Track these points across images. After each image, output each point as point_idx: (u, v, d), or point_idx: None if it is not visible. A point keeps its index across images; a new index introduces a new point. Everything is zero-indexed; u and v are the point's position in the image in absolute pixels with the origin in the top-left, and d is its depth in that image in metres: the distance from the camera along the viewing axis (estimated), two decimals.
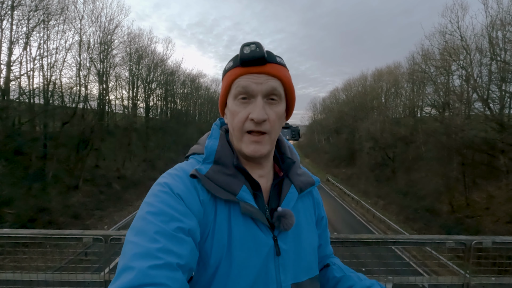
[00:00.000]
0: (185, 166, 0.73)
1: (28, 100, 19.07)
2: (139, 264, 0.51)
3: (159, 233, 0.56)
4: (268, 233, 0.70)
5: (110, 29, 25.66)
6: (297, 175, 0.81)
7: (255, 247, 0.67)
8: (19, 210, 13.93)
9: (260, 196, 0.73)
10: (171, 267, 0.53)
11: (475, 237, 2.30)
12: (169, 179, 0.67)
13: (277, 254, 0.70)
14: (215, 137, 0.77)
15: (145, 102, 34.47)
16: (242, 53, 0.69)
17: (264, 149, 0.70)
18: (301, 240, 0.76)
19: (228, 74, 0.73)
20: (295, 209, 0.76)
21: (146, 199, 0.65)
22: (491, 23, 19.43)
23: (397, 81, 35.96)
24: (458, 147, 20.12)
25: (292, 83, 0.76)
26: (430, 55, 26.19)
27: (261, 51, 0.68)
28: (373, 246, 2.23)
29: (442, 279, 2.37)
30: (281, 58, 0.75)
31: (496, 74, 19.37)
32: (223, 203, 0.69)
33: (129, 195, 22.24)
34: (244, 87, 0.69)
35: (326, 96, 71.77)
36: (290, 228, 0.71)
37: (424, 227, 18.32)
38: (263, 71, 0.69)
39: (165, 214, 0.59)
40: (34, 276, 2.16)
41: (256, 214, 0.68)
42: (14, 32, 17.35)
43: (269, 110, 0.70)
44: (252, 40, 0.74)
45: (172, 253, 0.54)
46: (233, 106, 0.72)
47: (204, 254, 0.65)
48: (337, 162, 43.56)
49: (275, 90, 0.70)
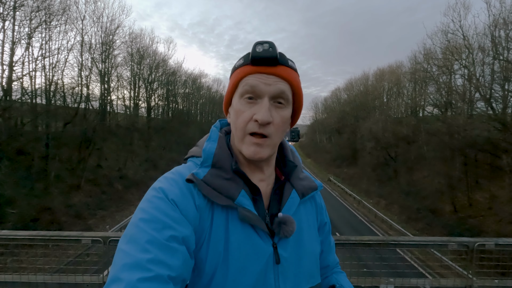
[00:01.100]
0: (182, 170, 0.70)
1: (30, 100, 19.16)
2: (128, 276, 0.49)
3: (151, 242, 0.54)
4: (267, 240, 0.67)
5: (112, 29, 25.77)
6: (299, 180, 0.78)
7: (254, 255, 0.65)
8: (21, 210, 13.99)
9: (260, 201, 0.71)
10: (161, 280, 0.50)
11: (478, 239, 2.28)
12: (165, 184, 0.65)
13: (277, 262, 0.67)
14: (213, 140, 0.74)
15: (147, 102, 34.56)
16: (254, 51, 0.66)
17: (264, 153, 0.68)
18: (302, 247, 0.74)
19: (237, 71, 0.71)
20: (297, 214, 0.74)
21: (140, 204, 0.63)
22: (494, 22, 19.32)
23: (399, 81, 35.84)
24: (460, 147, 20.02)
25: (301, 89, 0.73)
26: (432, 54, 26.10)
27: (274, 52, 0.66)
28: (375, 248, 2.20)
29: (445, 281, 2.34)
30: (293, 62, 0.72)
31: (499, 73, 19.25)
32: (220, 208, 0.66)
33: (131, 195, 22.31)
34: (252, 86, 0.67)
35: (327, 96, 71.85)
36: (291, 235, 0.68)
37: (426, 227, 18.25)
38: (273, 72, 0.67)
39: (158, 222, 0.57)
40: (33, 277, 2.15)
41: (255, 220, 0.66)
42: (16, 32, 17.44)
43: (275, 113, 0.67)
44: (255, 39, 0.72)
45: (163, 265, 0.52)
46: (238, 104, 0.69)
47: (199, 262, 0.62)
48: (339, 162, 43.47)
49: (283, 93, 0.68)
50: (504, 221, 15.26)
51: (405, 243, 2.28)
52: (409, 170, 26.64)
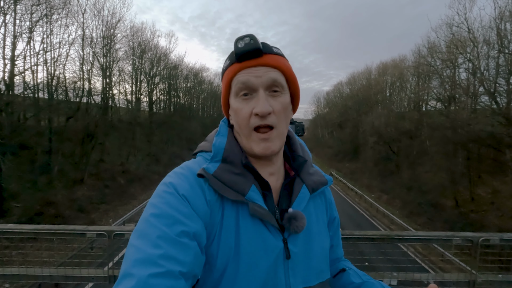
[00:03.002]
0: (192, 165, 0.70)
1: (33, 94, 19.16)
2: (139, 272, 0.49)
3: (162, 237, 0.54)
4: (277, 235, 0.67)
5: (113, 23, 25.57)
6: (309, 174, 0.78)
7: (264, 250, 0.65)
8: (25, 203, 14.14)
9: (270, 196, 0.70)
10: (172, 275, 0.50)
11: (483, 234, 2.27)
12: (175, 179, 0.65)
13: (287, 257, 0.67)
14: (222, 135, 0.74)
15: (149, 96, 34.52)
16: (236, 48, 0.66)
17: (274, 146, 0.68)
18: (312, 243, 0.74)
19: (227, 73, 0.71)
20: (307, 210, 0.74)
21: (151, 199, 0.63)
22: (500, 15, 19.00)
23: (402, 75, 35.55)
24: (463, 142, 19.91)
25: (294, 72, 0.72)
26: (436, 48, 25.79)
27: (256, 43, 0.65)
28: (378, 242, 2.20)
29: (448, 276, 2.34)
30: (278, 48, 0.72)
31: (504, 67, 18.99)
32: (230, 203, 0.66)
33: (133, 189, 22.46)
34: (243, 82, 0.67)
35: (330, 90, 71.40)
36: (301, 230, 0.68)
37: (428, 222, 18.27)
38: (261, 63, 0.67)
39: (169, 217, 0.57)
40: (39, 270, 2.17)
41: (265, 215, 0.65)
42: (18, 26, 17.35)
43: (273, 102, 0.67)
44: (257, 33, 0.71)
45: (174, 260, 0.52)
46: (236, 103, 0.69)
47: (210, 257, 0.62)
48: (341, 156, 43.49)
49: (276, 81, 0.67)
50: (506, 216, 15.25)
51: (409, 237, 2.28)
52: (411, 165, 26.58)
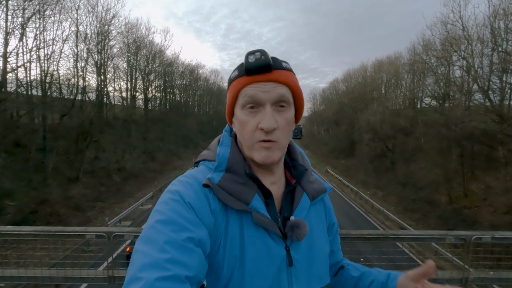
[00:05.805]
0: (196, 173, 0.72)
1: (26, 92, 18.87)
2: (146, 275, 0.50)
3: (168, 243, 0.55)
4: (280, 243, 0.70)
5: (107, 19, 25.21)
6: (309, 182, 0.80)
7: (268, 258, 0.67)
8: (20, 202, 13.99)
9: (272, 204, 0.73)
10: (179, 280, 0.52)
11: (475, 232, 2.32)
12: (180, 187, 0.66)
13: (290, 264, 0.70)
14: (226, 145, 0.76)
15: (144, 93, 34.23)
16: (247, 62, 0.67)
17: (275, 156, 0.69)
18: (313, 249, 0.76)
19: (234, 84, 0.72)
20: (308, 217, 0.76)
21: (157, 206, 0.64)
22: (494, 13, 19.16)
23: (398, 72, 35.68)
24: (457, 139, 20.13)
25: (300, 88, 0.74)
26: (431, 45, 25.93)
27: (267, 59, 0.67)
28: (375, 241, 2.25)
29: (442, 273, 2.40)
30: (287, 62, 0.73)
31: (497, 64, 19.20)
32: (234, 212, 0.68)
33: (129, 186, 22.33)
34: (251, 96, 0.68)
35: (326, 87, 71.40)
36: (303, 238, 0.70)
37: (422, 218, 18.49)
38: (269, 79, 0.68)
39: (175, 223, 0.58)
40: (39, 272, 2.18)
41: (268, 224, 0.67)
42: (10, 22, 17.02)
43: (279, 117, 0.69)
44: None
45: (181, 264, 0.53)
46: (242, 115, 0.70)
47: (216, 265, 0.64)
48: (337, 153, 43.64)
49: (283, 97, 0.69)
50: (499, 212, 15.50)
51: (405, 236, 2.32)
52: (406, 162, 26.83)
